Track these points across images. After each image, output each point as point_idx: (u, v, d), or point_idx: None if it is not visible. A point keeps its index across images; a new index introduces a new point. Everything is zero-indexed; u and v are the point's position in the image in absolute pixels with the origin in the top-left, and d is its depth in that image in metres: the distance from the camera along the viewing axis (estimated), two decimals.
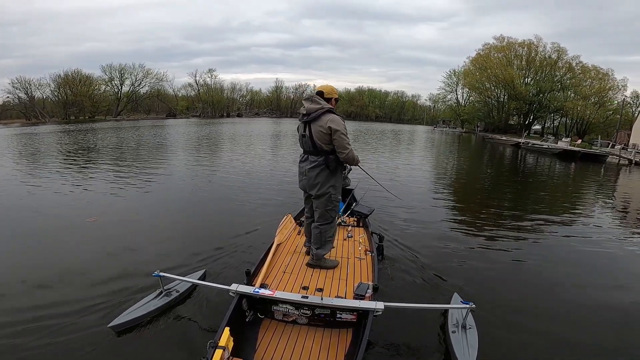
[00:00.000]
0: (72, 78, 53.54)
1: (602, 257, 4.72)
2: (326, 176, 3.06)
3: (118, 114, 56.99)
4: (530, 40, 42.81)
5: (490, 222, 6.02)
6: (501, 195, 9.00)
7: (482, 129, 49.77)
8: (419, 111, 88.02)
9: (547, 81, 42.02)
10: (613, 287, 3.79)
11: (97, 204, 6.39)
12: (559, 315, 3.15)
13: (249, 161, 12.24)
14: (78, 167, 10.43)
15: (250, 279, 2.88)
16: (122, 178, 8.66)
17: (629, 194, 10.52)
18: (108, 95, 59.95)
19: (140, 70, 60.74)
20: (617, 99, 39.94)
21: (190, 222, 5.59)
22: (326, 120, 2.91)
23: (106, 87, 59.63)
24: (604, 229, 5.96)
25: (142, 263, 3.83)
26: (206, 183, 8.48)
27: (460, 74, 52.73)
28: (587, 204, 8.42)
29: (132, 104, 62.44)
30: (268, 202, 6.69)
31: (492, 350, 2.59)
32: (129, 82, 60.68)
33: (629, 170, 15.96)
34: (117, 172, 9.42)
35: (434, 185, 9.84)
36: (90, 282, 3.43)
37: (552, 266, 4.27)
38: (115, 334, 2.63)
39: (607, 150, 20.66)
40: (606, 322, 3.08)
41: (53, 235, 4.85)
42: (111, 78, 59.25)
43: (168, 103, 66.89)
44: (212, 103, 69.82)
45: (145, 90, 62.74)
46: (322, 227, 3.20)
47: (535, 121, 46.62)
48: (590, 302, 3.42)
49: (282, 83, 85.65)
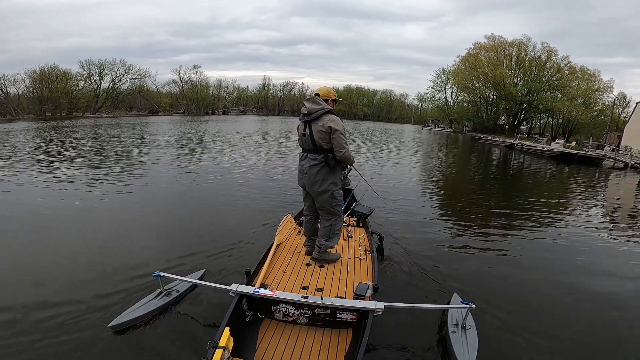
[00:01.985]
0: (47, 73, 50.90)
1: (603, 257, 4.76)
2: (326, 173, 3.15)
3: (96, 111, 54.61)
4: (520, 40, 42.79)
5: (490, 223, 6.03)
6: (500, 197, 8.88)
7: (469, 128, 49.73)
8: (406, 110, 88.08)
9: (536, 82, 42.06)
10: (615, 288, 3.78)
11: (93, 204, 6.26)
12: (559, 315, 3.17)
13: (244, 161, 11.99)
14: (64, 166, 9.86)
15: (250, 279, 2.87)
16: (117, 177, 8.47)
17: (630, 197, 10.23)
18: (86, 91, 57.34)
19: (121, 65, 58.40)
20: (603, 100, 40.34)
21: (189, 223, 5.46)
22: (326, 120, 3.02)
23: (85, 83, 57.11)
24: (604, 231, 6.01)
25: (142, 263, 3.81)
26: (204, 184, 8.27)
27: (450, 73, 52.43)
28: (588, 207, 8.42)
29: (112, 100, 60.04)
30: (268, 202, 6.65)
31: (492, 350, 2.59)
32: (109, 78, 58.26)
33: (625, 174, 15.57)
34: (110, 172, 9.13)
35: (433, 187, 9.77)
36: (90, 282, 3.41)
37: (553, 267, 4.27)
38: (115, 333, 2.63)
39: (603, 153, 20.25)
40: (607, 321, 3.10)
41: (52, 236, 4.76)
42: (90, 74, 56.77)
43: (150, 100, 64.64)
44: (196, 100, 67.91)
45: (126, 87, 60.39)
46: (332, 220, 3.30)
47: (524, 122, 46.67)
48: (591, 302, 3.44)
49: (269, 80, 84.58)
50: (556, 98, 41.09)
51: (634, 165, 17.18)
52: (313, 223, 3.51)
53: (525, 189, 10.45)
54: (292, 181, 8.71)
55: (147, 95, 64.51)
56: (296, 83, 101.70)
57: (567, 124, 41.79)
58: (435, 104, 59.88)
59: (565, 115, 39.75)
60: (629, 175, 15.29)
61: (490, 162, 17.89)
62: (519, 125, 46.00)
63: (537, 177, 13.48)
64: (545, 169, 15.66)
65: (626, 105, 40.48)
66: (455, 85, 51.37)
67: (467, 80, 46.03)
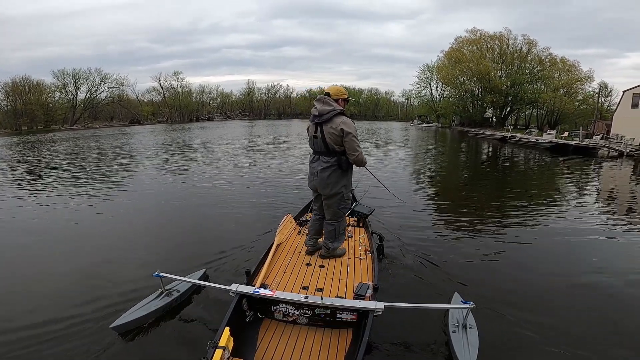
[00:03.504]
0: (20, 85, 48.71)
1: (609, 253, 4.61)
2: (338, 176, 3.12)
3: (74, 123, 52.66)
4: (501, 33, 43.04)
5: (491, 221, 5.91)
6: (501, 193, 8.61)
7: (457, 123, 49.84)
8: (393, 108, 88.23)
9: (519, 74, 42.38)
10: (621, 286, 3.63)
11: (92, 206, 6.47)
12: (561, 314, 3.10)
13: (242, 164, 12.03)
14: (60, 178, 9.87)
15: (251, 279, 2.86)
16: (114, 184, 8.72)
17: (629, 188, 9.97)
18: (63, 102, 55.20)
19: (97, 74, 56.53)
20: (584, 89, 40.88)
21: (189, 224, 5.53)
22: (338, 123, 2.97)
23: (60, 94, 54.96)
24: (609, 225, 5.81)
25: (142, 264, 3.87)
26: (203, 188, 8.26)
27: (434, 69, 52.45)
28: (589, 201, 8.09)
29: (90, 111, 58.02)
30: (267, 203, 6.66)
31: (493, 350, 2.57)
32: (85, 87, 56.31)
33: (621, 164, 15.35)
34: (104, 182, 9.24)
35: (432, 185, 9.66)
36: (91, 284, 3.45)
37: (555, 265, 4.18)
38: (117, 334, 2.64)
39: (597, 143, 20.13)
40: (610, 320, 3.02)
41: (52, 238, 4.89)
42: (64, 84, 54.67)
43: (131, 109, 62.76)
44: (179, 107, 66.31)
45: (104, 96, 58.47)
46: (336, 224, 3.33)
47: (510, 114, 46.95)
48: (595, 300, 3.36)
49: (254, 84, 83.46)
50: (541, 90, 41.44)
51: (630, 154, 17.07)
52: (320, 223, 3.48)
53: (526, 184, 10.19)
54: (292, 181, 8.85)
55: (127, 105, 62.69)
56: (281, 85, 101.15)
57: (551, 115, 42.23)
58: (421, 100, 59.89)
59: (550, 106, 40.06)
60: (625, 164, 15.08)
61: (485, 157, 17.46)
62: (507, 117, 46.28)
63: (536, 171, 13.12)
64: (543, 162, 15.31)
65: (609, 94, 41.13)
66: (440, 80, 51.39)
67: (452, 75, 46.04)
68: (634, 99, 21.91)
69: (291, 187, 8.09)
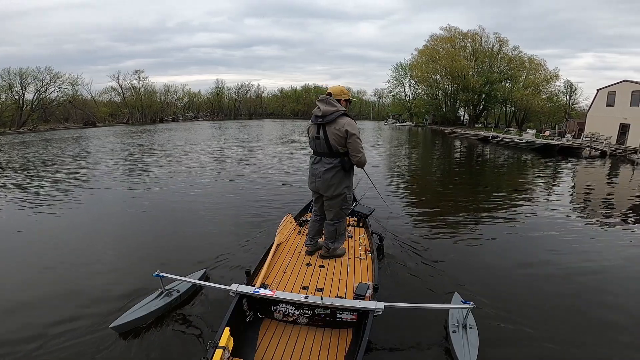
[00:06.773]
0: None
1: (611, 255, 4.52)
2: (341, 177, 3.14)
3: (21, 125, 47.66)
4: (474, 31, 43.29)
5: (491, 222, 5.90)
6: (497, 195, 8.45)
7: (430, 121, 49.87)
8: (365, 107, 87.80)
9: (491, 72, 42.81)
10: (621, 288, 3.56)
11: (91, 205, 6.64)
12: (561, 314, 3.06)
13: (241, 166, 12.11)
14: None
15: (251, 279, 2.86)
16: (114, 184, 8.85)
17: (626, 190, 9.88)
18: (9, 103, 49.83)
19: (47, 73, 51.46)
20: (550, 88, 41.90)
21: (190, 224, 5.50)
22: (343, 124, 2.97)
23: (6, 94, 49.55)
24: (610, 226, 5.83)
25: (143, 264, 3.89)
26: (202, 188, 8.29)
27: (408, 67, 52.15)
28: (590, 201, 8.17)
29: (40, 112, 52.88)
30: (267, 203, 6.70)
31: (493, 350, 2.55)
32: (34, 87, 51.16)
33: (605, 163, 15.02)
34: (108, 179, 9.57)
35: (429, 187, 9.61)
36: (91, 285, 3.47)
37: (555, 265, 4.12)
38: (117, 334, 2.65)
39: (581, 143, 19.85)
40: (610, 320, 2.97)
41: (52, 238, 4.88)
42: (10, 84, 49.32)
43: (87, 110, 57.92)
44: (141, 108, 62.05)
45: (54, 97, 53.44)
46: (337, 225, 3.33)
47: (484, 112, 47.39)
48: (594, 300, 3.31)
49: (223, 83, 79.86)
50: (511, 88, 42.07)
51: (613, 154, 16.80)
52: (320, 223, 3.47)
53: (526, 184, 10.08)
54: (291, 182, 8.90)
55: (82, 106, 57.72)
56: (252, 85, 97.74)
57: (519, 113, 42.99)
58: (395, 98, 59.59)
59: (522, 104, 40.68)
60: (608, 164, 14.78)
61: (471, 159, 16.50)
62: (480, 115, 46.68)
63: (527, 173, 12.43)
64: (531, 163, 14.57)
65: (573, 93, 42.34)
66: (413, 78, 51.19)
67: (426, 73, 45.83)
68: (609, 98, 22.01)
69: (291, 187, 8.20)
